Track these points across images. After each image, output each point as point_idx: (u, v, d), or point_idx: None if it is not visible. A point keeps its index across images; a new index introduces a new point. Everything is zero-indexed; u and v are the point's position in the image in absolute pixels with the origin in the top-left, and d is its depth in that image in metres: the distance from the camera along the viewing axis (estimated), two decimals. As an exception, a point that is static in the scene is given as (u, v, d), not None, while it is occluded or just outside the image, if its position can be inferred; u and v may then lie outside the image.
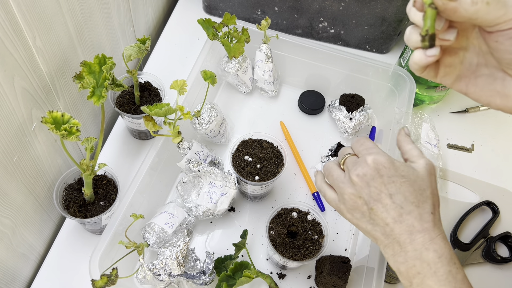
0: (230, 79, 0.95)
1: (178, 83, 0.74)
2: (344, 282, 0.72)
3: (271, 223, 0.74)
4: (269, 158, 0.78)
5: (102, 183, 0.77)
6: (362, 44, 1.05)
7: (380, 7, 0.94)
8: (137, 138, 0.92)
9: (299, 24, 1.04)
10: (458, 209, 0.87)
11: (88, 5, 0.74)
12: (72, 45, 0.72)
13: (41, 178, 0.73)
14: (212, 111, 0.83)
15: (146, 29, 1.04)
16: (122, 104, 0.84)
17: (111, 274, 0.63)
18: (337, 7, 0.97)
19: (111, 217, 0.71)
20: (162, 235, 0.73)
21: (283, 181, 0.88)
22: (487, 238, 0.84)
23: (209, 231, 0.82)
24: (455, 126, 0.98)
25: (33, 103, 0.65)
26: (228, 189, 0.78)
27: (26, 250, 0.75)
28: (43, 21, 0.62)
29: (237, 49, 0.85)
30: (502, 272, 0.82)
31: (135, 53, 0.74)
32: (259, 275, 0.69)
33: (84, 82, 0.64)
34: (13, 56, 0.58)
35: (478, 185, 0.90)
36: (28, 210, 0.71)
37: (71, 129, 0.59)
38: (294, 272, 0.79)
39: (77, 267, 0.77)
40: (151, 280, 0.66)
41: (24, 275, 0.77)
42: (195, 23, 0.88)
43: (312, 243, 0.72)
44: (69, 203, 0.74)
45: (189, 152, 0.78)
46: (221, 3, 1.05)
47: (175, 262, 0.66)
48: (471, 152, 0.95)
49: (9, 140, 0.62)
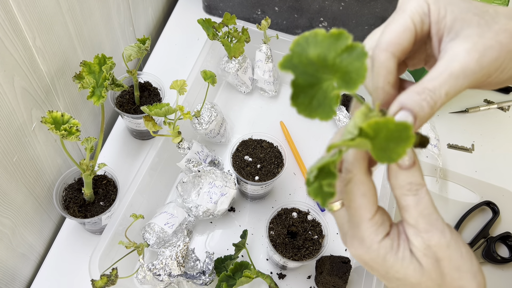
0: (230, 79, 0.95)
1: (178, 83, 0.74)
2: (344, 282, 0.71)
3: (271, 223, 0.74)
4: (269, 158, 0.78)
5: (102, 183, 0.76)
6: (362, 44, 1.04)
7: (380, 7, 0.94)
8: (137, 138, 0.92)
9: (299, 24, 1.04)
10: (458, 209, 0.87)
11: (88, 5, 0.74)
12: (72, 45, 0.72)
13: (41, 178, 0.73)
14: (212, 111, 0.83)
15: (146, 29, 1.04)
16: (122, 104, 0.84)
17: (111, 274, 0.63)
18: (337, 7, 0.97)
19: (111, 217, 0.71)
20: (162, 235, 0.73)
21: (283, 181, 0.88)
22: (487, 238, 0.84)
23: (209, 231, 0.82)
24: (455, 126, 0.98)
25: (33, 103, 0.65)
26: (228, 189, 0.78)
27: (26, 250, 0.74)
28: (43, 21, 0.62)
29: (237, 49, 0.85)
30: (503, 272, 0.82)
31: (135, 53, 0.74)
32: (259, 275, 0.69)
33: (84, 82, 0.64)
34: (13, 56, 0.58)
35: (478, 185, 0.90)
36: (28, 210, 0.71)
37: (71, 129, 0.59)
38: (294, 272, 0.79)
39: (77, 267, 0.77)
40: (151, 280, 0.66)
41: (24, 275, 0.76)
42: (195, 23, 0.88)
43: (312, 243, 0.72)
44: (69, 203, 0.74)
45: (189, 152, 0.78)
46: (221, 3, 1.05)
47: (175, 262, 0.66)
48: (471, 152, 0.95)
49: (9, 140, 0.62)
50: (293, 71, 0.33)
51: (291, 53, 0.33)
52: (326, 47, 0.32)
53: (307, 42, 0.33)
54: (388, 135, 0.31)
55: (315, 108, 0.32)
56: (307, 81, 0.33)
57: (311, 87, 0.33)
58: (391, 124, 0.31)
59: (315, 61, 0.32)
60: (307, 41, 0.32)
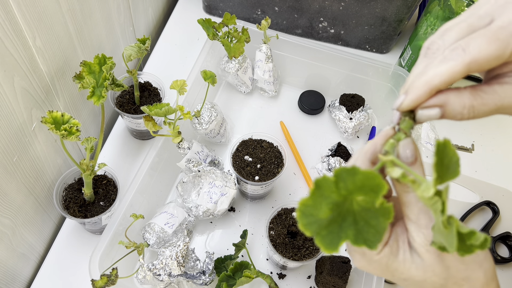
0: (230, 79, 0.95)
1: (178, 83, 0.74)
2: (344, 282, 0.71)
3: (271, 223, 0.74)
4: (269, 158, 0.78)
5: (102, 183, 0.76)
6: (362, 44, 1.05)
7: (380, 7, 0.94)
8: (137, 138, 0.92)
9: (299, 24, 1.04)
10: (458, 209, 0.87)
11: (88, 5, 0.74)
12: (72, 45, 0.72)
13: (41, 178, 0.73)
14: (212, 111, 0.83)
15: (146, 29, 1.04)
16: (122, 104, 0.84)
17: (111, 274, 0.63)
18: (337, 7, 0.97)
19: (111, 217, 0.71)
20: (162, 235, 0.73)
21: (283, 181, 0.88)
22: (487, 238, 0.84)
23: (209, 231, 0.82)
24: (455, 126, 0.98)
25: (33, 103, 0.65)
26: (228, 189, 0.78)
27: (26, 250, 0.74)
28: (43, 21, 0.62)
29: (237, 49, 0.85)
30: (503, 272, 0.82)
31: (135, 53, 0.74)
32: (259, 275, 0.69)
33: (84, 82, 0.64)
34: (13, 56, 0.58)
35: (478, 185, 0.90)
36: (28, 210, 0.71)
37: (71, 129, 0.59)
38: (294, 272, 0.79)
39: (77, 267, 0.77)
40: (151, 280, 0.66)
41: (24, 275, 0.76)
42: (195, 23, 0.88)
43: (312, 243, 0.72)
44: (69, 203, 0.74)
45: (189, 152, 0.78)
46: (221, 3, 1.05)
47: (175, 262, 0.66)
48: (471, 152, 0.95)
49: (9, 140, 0.62)
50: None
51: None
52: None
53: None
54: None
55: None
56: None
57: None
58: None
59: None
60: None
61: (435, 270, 0.38)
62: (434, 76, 0.35)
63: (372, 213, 0.32)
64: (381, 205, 0.31)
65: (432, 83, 0.35)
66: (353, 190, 0.32)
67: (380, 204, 0.31)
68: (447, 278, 0.38)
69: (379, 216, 0.32)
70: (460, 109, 0.36)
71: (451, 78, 0.35)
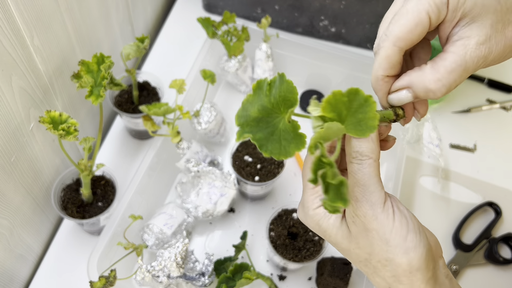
0: (230, 78, 0.94)
1: (177, 82, 0.73)
2: (345, 284, 0.71)
3: (272, 224, 0.74)
4: (269, 158, 0.78)
5: (100, 183, 0.76)
6: (363, 43, 1.04)
7: (382, 5, 0.94)
8: (135, 138, 0.92)
9: (299, 23, 1.03)
10: (460, 210, 0.87)
11: (87, 4, 0.73)
12: (70, 44, 0.72)
13: (39, 178, 0.72)
14: (211, 111, 0.82)
15: (144, 27, 1.04)
16: (121, 104, 0.83)
17: (110, 276, 0.62)
18: (338, 6, 0.96)
19: (110, 218, 0.70)
20: (161, 236, 0.73)
21: (284, 182, 0.88)
22: (490, 239, 0.83)
23: (208, 232, 0.82)
24: (457, 126, 0.98)
25: (31, 102, 0.65)
26: (228, 189, 0.77)
27: (24, 251, 0.74)
28: (41, 20, 0.62)
29: (236, 48, 0.84)
30: (505, 273, 0.82)
31: (134, 52, 0.74)
32: (259, 277, 0.69)
33: (82, 81, 0.64)
34: (10, 55, 0.57)
35: (481, 185, 0.90)
36: (25, 211, 0.71)
37: (69, 129, 0.59)
38: (295, 274, 0.79)
39: (75, 268, 0.77)
40: (150, 282, 0.66)
41: (22, 276, 0.76)
42: (195, 21, 0.88)
43: (313, 244, 0.72)
44: (67, 203, 0.73)
45: (188, 152, 0.77)
46: (221, 1, 1.05)
47: (174, 263, 0.66)
48: (474, 152, 0.94)
49: (7, 140, 0.61)
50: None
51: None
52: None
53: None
54: (348, 108, 0.36)
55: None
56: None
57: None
58: (343, 97, 0.35)
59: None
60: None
61: (359, 243, 0.40)
62: (377, 68, 0.40)
63: (289, 137, 0.36)
64: (295, 130, 0.35)
65: (377, 74, 0.40)
66: (278, 99, 0.35)
67: (293, 127, 0.35)
68: (371, 254, 0.39)
69: (292, 142, 0.35)
70: (428, 84, 0.38)
71: (388, 63, 0.39)
